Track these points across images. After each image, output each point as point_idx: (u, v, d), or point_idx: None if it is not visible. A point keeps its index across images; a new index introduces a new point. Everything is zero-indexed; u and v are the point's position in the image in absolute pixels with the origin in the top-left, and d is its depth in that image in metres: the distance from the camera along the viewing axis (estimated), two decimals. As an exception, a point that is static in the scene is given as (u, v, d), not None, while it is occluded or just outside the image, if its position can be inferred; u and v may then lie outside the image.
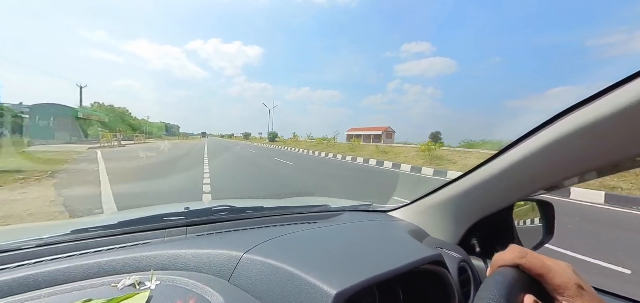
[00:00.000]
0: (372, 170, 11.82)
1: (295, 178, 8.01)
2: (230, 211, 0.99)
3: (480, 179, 0.80)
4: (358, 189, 7.26)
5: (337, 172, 10.73)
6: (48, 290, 0.53)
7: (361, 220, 1.09)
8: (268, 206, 1.14)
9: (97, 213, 3.21)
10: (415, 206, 1.10)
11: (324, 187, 6.96)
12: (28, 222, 3.10)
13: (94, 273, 0.60)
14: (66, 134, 18.97)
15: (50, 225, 1.07)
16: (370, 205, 1.31)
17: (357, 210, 1.25)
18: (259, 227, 0.93)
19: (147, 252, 0.67)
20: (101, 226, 0.78)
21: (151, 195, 4.88)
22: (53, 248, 0.67)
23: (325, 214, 1.15)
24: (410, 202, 1.13)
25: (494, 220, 0.85)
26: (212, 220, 0.91)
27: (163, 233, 0.80)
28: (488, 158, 0.77)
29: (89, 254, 0.67)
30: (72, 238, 0.71)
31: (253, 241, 0.73)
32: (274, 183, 6.86)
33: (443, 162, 12.73)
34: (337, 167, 12.36)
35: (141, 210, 1.08)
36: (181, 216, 0.88)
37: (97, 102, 34.93)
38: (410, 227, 1.01)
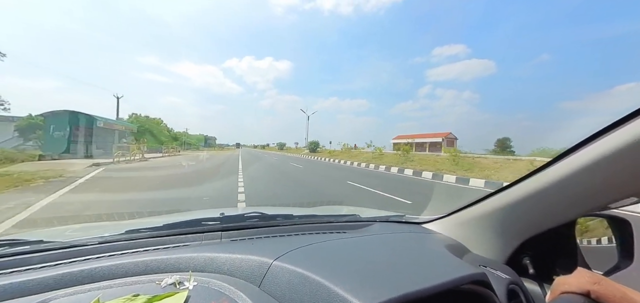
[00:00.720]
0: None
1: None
2: (262, 217, 1.05)
3: (533, 189, 0.72)
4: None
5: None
6: (106, 282, 0.62)
7: (393, 232, 1.06)
8: (297, 214, 1.17)
9: (146, 215, 3.31)
10: (454, 218, 1.03)
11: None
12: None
13: (142, 270, 0.67)
14: (82, 146, 15.93)
15: (109, 225, 1.25)
16: (403, 215, 1.27)
17: (389, 220, 1.21)
18: (289, 234, 0.95)
19: (186, 254, 0.73)
20: (150, 227, 0.90)
21: (192, 200, 5.27)
22: (111, 246, 0.77)
23: (355, 224, 1.13)
24: (447, 213, 1.06)
25: (551, 237, 0.76)
26: (245, 225, 0.97)
27: (200, 236, 0.87)
28: (542, 165, 0.70)
29: (139, 253, 0.75)
30: (126, 238, 0.81)
31: (283, 248, 0.75)
32: (303, 191, 6.76)
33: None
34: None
35: (182, 215, 1.26)
36: (217, 221, 0.96)
37: (134, 113, 33.67)
38: (447, 241, 0.95)
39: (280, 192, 6.83)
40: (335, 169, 14.16)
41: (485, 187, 8.64)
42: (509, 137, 42.84)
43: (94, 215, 3.73)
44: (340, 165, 17.49)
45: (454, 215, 1.02)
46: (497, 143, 40.97)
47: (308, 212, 1.41)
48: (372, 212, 1.40)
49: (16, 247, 0.73)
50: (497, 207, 0.84)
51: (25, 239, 0.78)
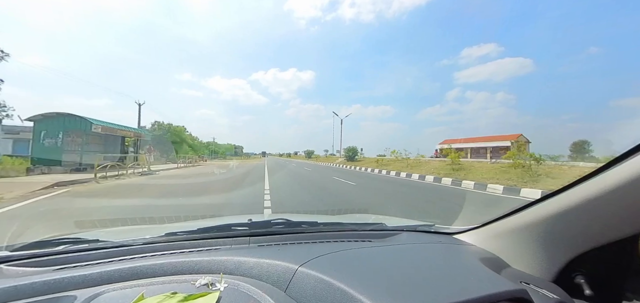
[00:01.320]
0: None
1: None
2: (287, 224, 1.09)
3: (586, 196, 0.63)
4: None
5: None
6: (148, 280, 0.68)
7: (422, 242, 1.04)
8: (322, 221, 1.20)
9: (183, 219, 3.31)
10: (489, 229, 0.96)
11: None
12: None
13: (179, 270, 0.73)
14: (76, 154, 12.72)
15: (151, 227, 1.34)
16: (432, 225, 1.22)
17: (417, 230, 1.18)
18: (314, 241, 0.98)
19: (218, 257, 0.77)
20: (186, 231, 0.98)
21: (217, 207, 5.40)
22: (153, 246, 0.86)
23: (381, 233, 1.11)
24: (482, 224, 1.00)
25: (614, 252, 0.66)
26: (272, 231, 1.03)
27: (231, 241, 0.94)
28: (601, 166, 0.62)
29: (176, 254, 0.82)
30: (165, 239, 0.92)
31: (308, 255, 0.77)
32: (329, 199, 6.66)
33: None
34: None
35: (214, 219, 1.41)
36: (245, 226, 1.02)
37: (156, 121, 31.75)
38: (482, 253, 0.89)
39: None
40: (420, 191, 8.93)
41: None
42: (587, 140, 34.30)
43: (138, 217, 3.89)
44: (411, 182, 11.72)
45: (490, 225, 0.97)
46: (573, 147, 32.97)
47: (333, 219, 1.46)
48: (399, 221, 1.39)
49: (78, 244, 0.87)
50: (543, 216, 0.75)
51: (85, 238, 0.93)
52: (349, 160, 27.61)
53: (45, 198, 6.16)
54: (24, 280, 0.64)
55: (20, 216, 4.54)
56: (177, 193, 7.01)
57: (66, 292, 0.62)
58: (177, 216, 3.82)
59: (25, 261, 0.76)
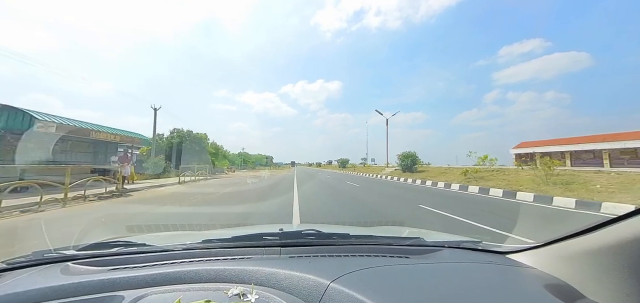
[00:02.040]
0: None
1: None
2: (318, 236, 1.06)
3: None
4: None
5: None
6: (186, 285, 0.71)
7: (468, 261, 0.92)
8: (354, 233, 1.15)
9: (219, 227, 3.57)
10: (556, 249, 0.81)
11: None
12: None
13: (213, 278, 0.74)
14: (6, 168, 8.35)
15: (190, 234, 1.46)
16: (479, 241, 1.10)
17: (461, 247, 1.07)
18: (345, 255, 0.94)
19: (250, 266, 0.78)
20: (220, 239, 1.03)
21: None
22: (191, 253, 0.91)
23: (420, 248, 1.03)
24: (546, 242, 0.85)
25: None
26: (302, 242, 1.02)
27: (262, 250, 0.94)
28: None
29: (211, 261, 0.84)
30: (202, 246, 0.96)
31: (340, 269, 0.75)
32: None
33: None
34: None
35: (247, 228, 1.57)
36: (276, 236, 1.02)
37: (175, 129, 28.48)
38: (548, 279, 0.75)
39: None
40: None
41: None
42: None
43: (178, 224, 4.13)
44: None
45: (557, 244, 0.81)
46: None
47: (365, 232, 1.38)
48: (439, 236, 1.34)
49: (129, 247, 0.97)
50: (635, 236, 0.59)
51: (135, 242, 1.04)
52: (406, 171, 19.67)
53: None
54: (85, 277, 0.75)
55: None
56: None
57: (116, 292, 0.69)
58: (213, 224, 4.32)
59: (86, 260, 0.88)
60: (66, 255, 0.91)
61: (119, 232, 4.06)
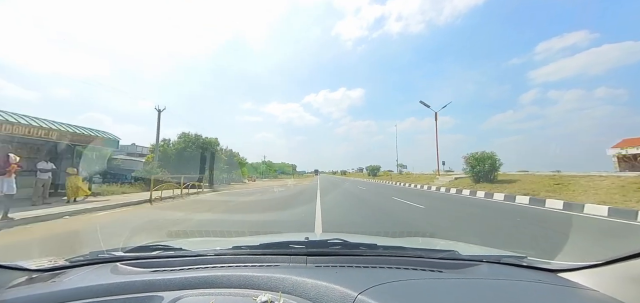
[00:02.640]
0: None
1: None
2: (344, 245, 1.05)
3: None
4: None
5: None
6: (217, 289, 0.74)
7: (510, 278, 0.83)
8: (382, 244, 1.11)
9: (248, 234, 3.63)
10: (622, 268, 0.70)
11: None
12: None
13: (242, 284, 0.76)
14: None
15: (220, 240, 1.52)
16: (523, 257, 1.00)
17: (501, 262, 0.97)
18: (373, 266, 0.91)
19: (277, 274, 0.79)
20: (249, 245, 1.07)
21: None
22: (222, 258, 0.95)
23: (454, 262, 0.95)
24: (606, 261, 0.73)
25: None
26: (328, 252, 1.01)
27: (288, 259, 0.95)
28: None
29: (240, 267, 0.87)
30: (232, 252, 1.00)
31: (368, 281, 0.73)
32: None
33: None
34: None
35: (273, 236, 1.60)
36: (302, 245, 1.03)
37: (183, 132, 25.18)
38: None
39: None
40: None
41: None
42: None
43: (211, 230, 4.70)
44: None
45: (621, 263, 0.70)
46: None
47: (393, 242, 1.36)
48: (476, 249, 1.30)
49: (167, 251, 1.06)
50: None
51: (173, 246, 1.11)
52: (481, 181, 13.47)
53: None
54: (131, 277, 0.82)
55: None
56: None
57: (157, 292, 0.74)
58: (243, 231, 4.48)
59: (132, 261, 0.96)
60: (116, 256, 1.02)
61: (160, 236, 4.31)
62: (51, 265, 0.95)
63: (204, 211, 7.64)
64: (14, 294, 0.73)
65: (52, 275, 0.88)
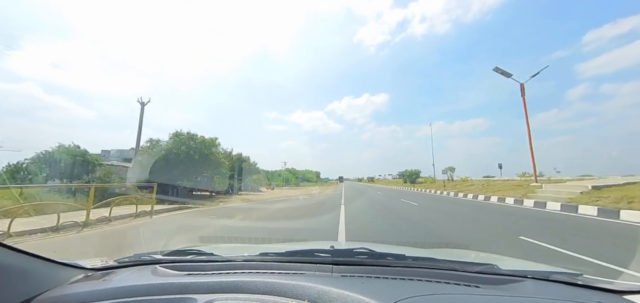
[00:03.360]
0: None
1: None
2: (370, 255, 1.02)
3: None
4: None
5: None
6: (245, 295, 0.76)
7: (563, 298, 0.74)
8: (411, 255, 1.06)
9: (274, 241, 3.73)
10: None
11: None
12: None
13: (269, 290, 0.77)
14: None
15: (248, 247, 1.58)
16: (578, 275, 0.89)
17: (551, 279, 0.87)
18: (402, 277, 0.87)
19: (303, 282, 0.79)
20: (276, 252, 1.09)
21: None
22: (250, 264, 0.99)
23: (493, 277, 0.88)
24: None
25: None
26: (354, 261, 0.98)
27: (314, 267, 0.95)
28: None
29: (267, 274, 0.90)
30: (260, 259, 1.04)
31: (396, 293, 0.71)
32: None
33: None
34: None
35: (299, 244, 1.57)
36: (327, 253, 1.03)
37: (176, 131, 20.29)
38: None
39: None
40: None
41: None
42: None
43: (239, 236, 4.77)
44: None
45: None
46: None
47: (424, 253, 1.25)
48: (518, 263, 1.22)
49: (200, 255, 1.11)
50: None
51: (205, 251, 1.17)
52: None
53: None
54: (168, 279, 0.88)
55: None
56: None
57: (190, 295, 0.78)
58: (269, 238, 4.73)
59: (169, 264, 1.03)
60: (155, 259, 1.09)
61: (194, 241, 4.73)
62: (103, 265, 1.06)
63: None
64: (75, 289, 0.84)
65: (103, 273, 0.99)
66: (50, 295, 0.79)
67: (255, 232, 5.88)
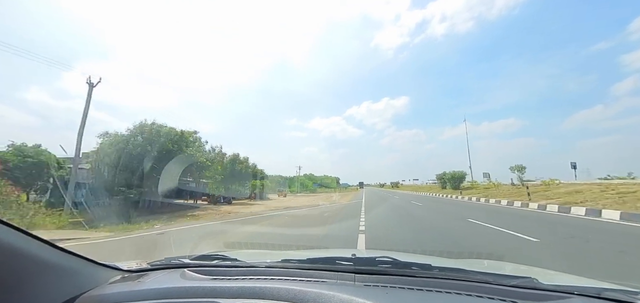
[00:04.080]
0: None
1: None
2: (394, 264, 0.98)
3: None
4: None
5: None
6: (266, 301, 0.77)
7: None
8: (438, 265, 0.99)
9: (295, 248, 3.40)
10: None
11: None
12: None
13: (291, 297, 0.77)
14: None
15: (270, 253, 1.62)
16: (637, 293, 0.78)
17: (602, 296, 0.77)
18: (428, 289, 0.83)
19: (325, 290, 0.78)
20: (297, 259, 1.10)
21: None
22: (272, 270, 1.00)
23: (533, 292, 0.80)
24: None
25: None
26: (377, 271, 0.94)
27: (336, 275, 0.93)
28: None
29: (289, 280, 0.90)
30: (282, 265, 1.05)
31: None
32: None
33: None
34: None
35: (320, 251, 1.58)
36: (350, 262, 1.00)
37: (141, 122, 15.42)
38: None
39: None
40: None
41: None
42: None
43: (262, 243, 4.85)
44: None
45: None
46: None
47: (452, 264, 1.16)
48: (562, 278, 1.09)
49: (225, 261, 1.13)
50: None
51: (229, 256, 1.20)
52: None
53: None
54: (195, 283, 0.92)
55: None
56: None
57: (216, 299, 0.81)
58: (290, 245, 4.44)
59: (196, 268, 1.06)
60: (184, 263, 1.14)
61: (218, 246, 5.07)
62: (137, 267, 1.12)
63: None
64: (114, 289, 0.91)
65: (138, 275, 1.05)
66: (93, 294, 0.86)
67: (271, 238, 6.26)
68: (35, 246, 0.74)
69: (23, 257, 0.69)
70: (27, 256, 0.71)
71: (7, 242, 0.65)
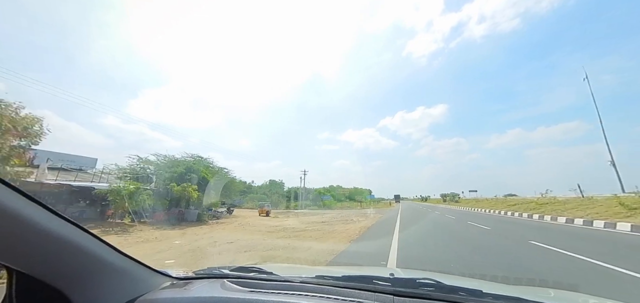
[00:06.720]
0: None
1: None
2: (438, 287, 0.93)
3: None
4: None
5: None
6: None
7: None
8: (489, 291, 0.92)
9: (331, 264, 3.77)
10: None
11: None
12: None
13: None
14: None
15: (304, 268, 1.66)
16: None
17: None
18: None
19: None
20: (332, 276, 1.09)
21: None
22: (307, 286, 0.99)
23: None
24: None
25: None
26: (418, 294, 0.89)
27: (373, 295, 0.89)
28: None
29: (323, 298, 0.90)
30: (316, 281, 1.03)
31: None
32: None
33: None
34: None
35: (355, 268, 1.56)
36: (387, 282, 0.98)
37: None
38: None
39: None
40: None
41: None
42: None
43: (296, 257, 5.24)
44: None
45: None
46: None
47: (506, 291, 1.04)
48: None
49: (261, 273, 1.18)
50: None
51: (265, 270, 1.23)
52: None
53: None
54: (234, 294, 0.96)
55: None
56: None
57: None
58: (321, 261, 4.91)
59: (235, 280, 1.10)
60: (224, 273, 1.20)
61: (255, 259, 5.57)
62: (184, 275, 1.19)
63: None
64: (165, 295, 0.98)
65: (185, 283, 1.12)
66: (148, 297, 0.93)
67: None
68: (105, 249, 0.85)
69: (93, 256, 0.80)
70: (98, 257, 0.81)
71: (79, 241, 0.76)
